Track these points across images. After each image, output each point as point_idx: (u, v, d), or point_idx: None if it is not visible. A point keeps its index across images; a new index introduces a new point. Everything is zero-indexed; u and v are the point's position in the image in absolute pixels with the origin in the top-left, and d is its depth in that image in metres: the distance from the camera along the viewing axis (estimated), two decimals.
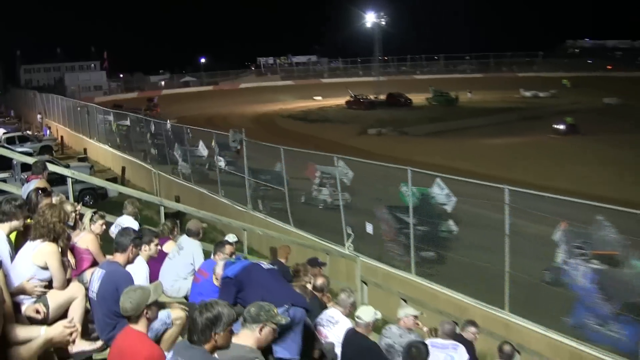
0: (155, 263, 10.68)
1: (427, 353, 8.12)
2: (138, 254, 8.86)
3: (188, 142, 32.63)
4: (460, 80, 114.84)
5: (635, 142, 49.51)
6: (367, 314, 9.55)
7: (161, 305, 7.47)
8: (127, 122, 37.68)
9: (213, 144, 28.59)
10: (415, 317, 10.83)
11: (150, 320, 6.53)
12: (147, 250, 9.72)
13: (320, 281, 11.85)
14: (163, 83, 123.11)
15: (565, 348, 14.03)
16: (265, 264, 9.43)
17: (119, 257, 8.51)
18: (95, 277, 8.30)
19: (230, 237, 14.12)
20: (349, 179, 21.00)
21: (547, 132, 61.18)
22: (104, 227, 11.08)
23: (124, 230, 8.91)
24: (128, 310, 6.38)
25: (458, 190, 18.01)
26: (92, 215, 10.94)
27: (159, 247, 10.13)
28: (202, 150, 30.01)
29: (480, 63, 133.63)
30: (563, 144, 55.77)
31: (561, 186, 30.17)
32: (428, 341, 9.59)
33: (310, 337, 7.23)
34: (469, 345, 11.07)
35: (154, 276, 10.35)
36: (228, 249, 11.60)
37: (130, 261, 8.66)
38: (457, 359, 9.84)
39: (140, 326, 6.43)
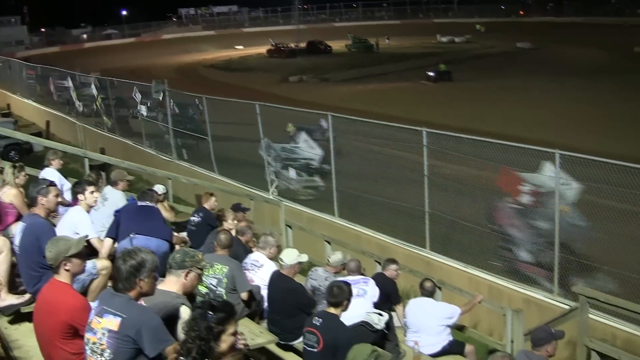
0: None
1: (349, 292, 8.29)
2: (57, 203, 8.92)
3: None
4: (379, 27, 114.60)
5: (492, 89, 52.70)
6: (289, 256, 9.74)
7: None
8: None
9: (137, 95, 28.22)
10: (344, 263, 11.07)
11: (72, 272, 6.49)
12: (83, 199, 9.78)
13: (243, 226, 12.05)
14: (85, 36, 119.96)
15: (484, 282, 14.55)
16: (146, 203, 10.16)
17: (38, 209, 8.54)
18: (17, 230, 8.33)
19: (159, 188, 14.18)
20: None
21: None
22: (26, 178, 11.07)
23: (36, 184, 8.94)
24: (49, 259, 6.40)
25: (379, 133, 18.32)
26: (13, 170, 10.89)
27: (96, 195, 10.16)
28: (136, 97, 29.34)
29: (397, 10, 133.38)
30: (427, 89, 59.15)
31: None
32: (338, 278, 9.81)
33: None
34: (391, 283, 11.40)
35: None
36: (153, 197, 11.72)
37: (51, 210, 8.74)
38: (369, 291, 9.99)
39: (63, 277, 6.42)
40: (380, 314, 9.62)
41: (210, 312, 5.07)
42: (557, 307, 12.89)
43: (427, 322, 10.52)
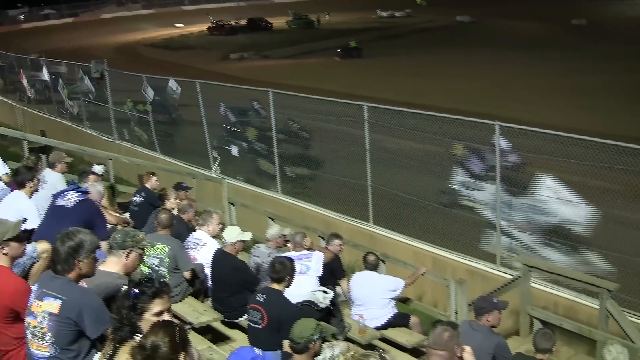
0: None
1: (292, 268, 8.30)
2: None
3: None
4: (320, 2, 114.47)
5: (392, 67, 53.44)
6: (230, 234, 9.73)
7: None
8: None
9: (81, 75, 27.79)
10: (285, 236, 11.06)
11: (10, 256, 6.41)
12: (32, 186, 9.76)
13: (185, 204, 11.99)
14: (22, 17, 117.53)
15: (428, 255, 14.67)
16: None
17: None
18: None
19: (98, 169, 14.00)
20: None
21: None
22: None
23: None
24: None
25: (321, 109, 18.33)
26: None
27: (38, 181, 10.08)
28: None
29: None
30: (333, 65, 60.50)
31: None
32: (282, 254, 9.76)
33: None
34: (335, 258, 11.40)
35: None
36: (92, 178, 11.59)
37: None
38: (313, 267, 9.94)
39: (1, 261, 6.34)
40: (325, 292, 9.64)
41: (135, 290, 5.01)
42: (501, 277, 13.03)
43: (371, 295, 10.57)
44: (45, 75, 31.81)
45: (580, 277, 11.16)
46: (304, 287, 9.48)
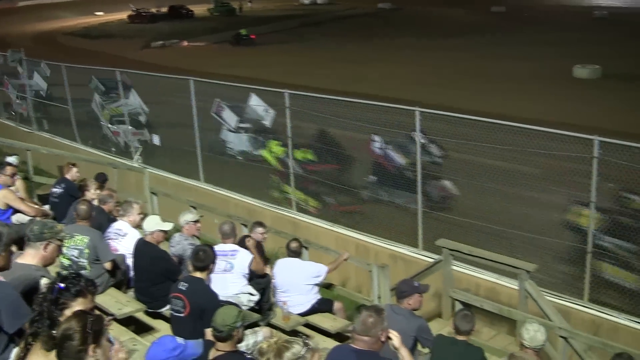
0: None
1: (214, 256, 8.29)
2: None
3: None
4: None
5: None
6: (149, 223, 9.68)
7: None
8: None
9: None
10: (196, 222, 10.98)
11: None
12: None
13: (105, 194, 11.86)
14: None
15: (351, 240, 14.79)
16: None
17: None
18: None
19: (11, 159, 13.72)
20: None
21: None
22: None
23: None
24: None
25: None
26: None
27: None
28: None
29: None
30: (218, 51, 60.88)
31: None
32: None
33: None
34: (257, 245, 11.41)
35: None
36: (9, 170, 11.40)
37: None
38: (237, 265, 9.87)
39: None
40: (252, 294, 9.67)
41: (60, 284, 4.94)
42: (423, 261, 13.23)
43: (295, 281, 10.58)
44: None
45: (499, 259, 11.35)
46: (229, 287, 9.46)
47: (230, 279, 9.63)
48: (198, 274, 8.13)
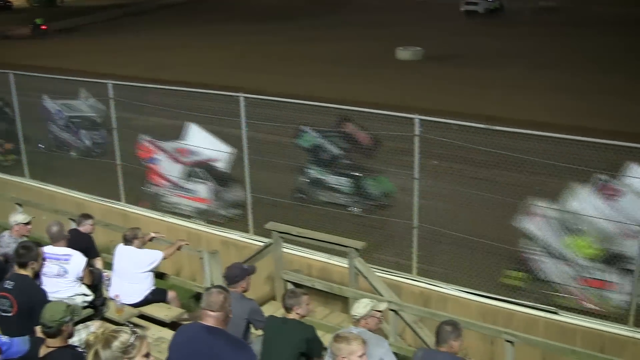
0: None
1: (37, 252, 8.09)
2: None
3: None
4: None
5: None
6: None
7: None
8: None
9: None
10: (27, 224, 10.68)
11: None
12: None
13: None
14: None
15: (181, 229, 14.90)
16: None
17: None
18: None
19: None
20: None
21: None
22: None
23: None
24: None
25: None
26: None
27: None
28: None
29: None
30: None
31: None
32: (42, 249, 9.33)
33: None
34: (86, 238, 11.24)
35: None
36: None
37: None
38: (71, 270, 9.60)
39: None
40: (86, 294, 9.53)
41: None
42: (254, 245, 13.38)
43: (131, 270, 10.49)
44: None
45: (328, 239, 11.64)
46: (63, 291, 9.22)
47: (64, 283, 9.36)
48: (22, 271, 7.95)
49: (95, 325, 8.40)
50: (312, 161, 16.39)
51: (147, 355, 4.99)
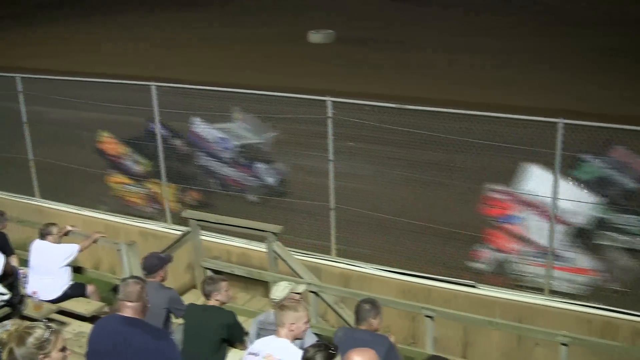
0: None
1: None
2: None
3: None
4: None
5: None
6: None
7: None
8: None
9: None
10: None
11: None
12: None
13: None
14: None
15: (99, 222, 14.73)
16: None
17: None
18: None
19: None
20: None
21: None
22: None
23: None
24: None
25: None
26: None
27: None
28: None
29: None
30: None
31: None
32: None
33: None
34: (1, 236, 11.07)
35: None
36: None
37: None
38: None
39: None
40: (3, 294, 9.44)
41: None
42: (174, 235, 13.30)
43: (48, 264, 10.39)
44: None
45: (245, 224, 11.68)
46: None
47: None
48: None
49: (10, 323, 8.27)
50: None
51: (63, 349, 4.94)
